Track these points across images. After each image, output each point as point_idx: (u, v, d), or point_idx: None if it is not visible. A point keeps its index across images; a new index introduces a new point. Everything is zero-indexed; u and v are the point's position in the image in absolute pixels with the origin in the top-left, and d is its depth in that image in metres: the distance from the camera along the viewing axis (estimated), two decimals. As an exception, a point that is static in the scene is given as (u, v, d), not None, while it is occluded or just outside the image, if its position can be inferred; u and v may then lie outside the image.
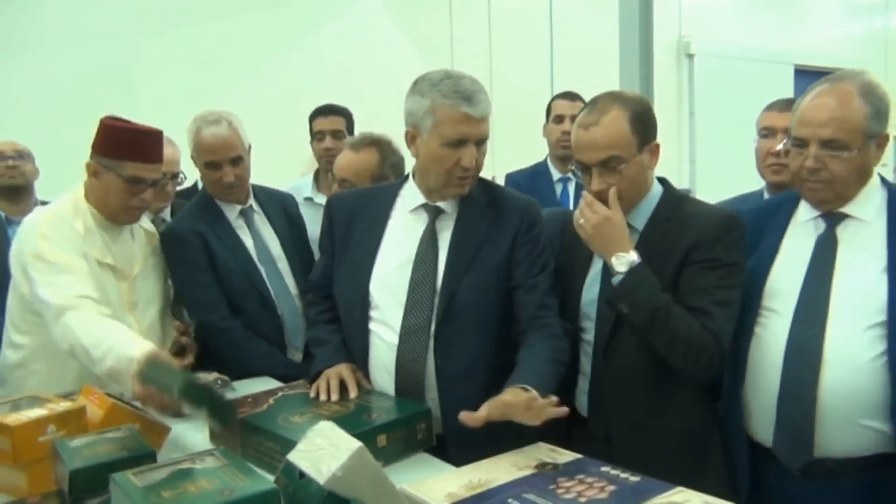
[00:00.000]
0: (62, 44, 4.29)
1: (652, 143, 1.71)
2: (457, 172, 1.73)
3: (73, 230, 2.00)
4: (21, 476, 1.48)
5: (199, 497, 0.94)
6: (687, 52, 8.04)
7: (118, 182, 2.02)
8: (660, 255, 1.67)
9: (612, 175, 1.66)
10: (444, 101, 1.68)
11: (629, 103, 1.68)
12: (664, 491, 1.20)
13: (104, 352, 1.79)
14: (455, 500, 1.22)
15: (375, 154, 2.34)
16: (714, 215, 1.70)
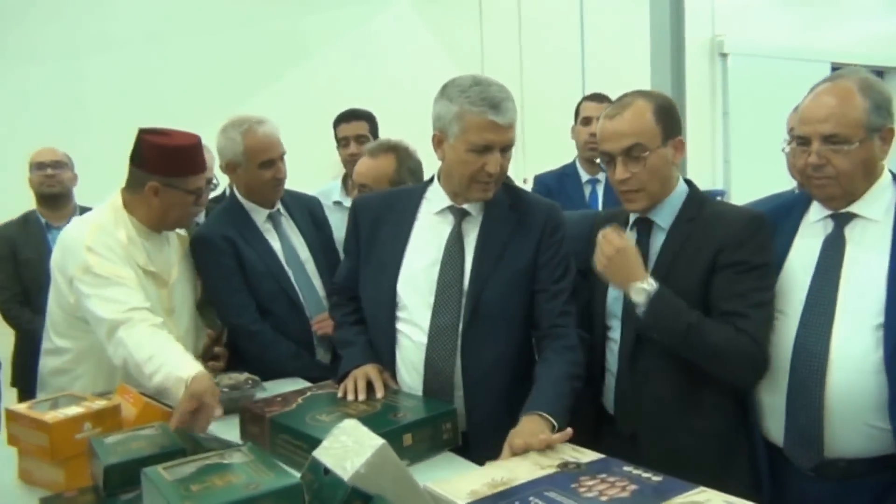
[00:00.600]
0: (97, 52, 4.39)
1: (676, 138, 1.72)
2: (481, 177, 1.75)
3: (117, 240, 2.03)
4: (59, 472, 1.54)
5: (225, 490, 0.97)
6: (720, 52, 7.94)
7: (184, 196, 2.08)
8: (687, 256, 1.67)
9: (636, 164, 1.68)
10: (472, 107, 1.70)
11: (654, 97, 1.73)
12: (686, 490, 1.20)
13: (155, 368, 1.81)
14: (477, 497, 1.23)
15: (393, 160, 2.38)
16: (740, 216, 1.70)
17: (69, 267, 1.98)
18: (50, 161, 3.17)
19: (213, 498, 0.95)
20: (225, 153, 2.33)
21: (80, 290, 1.95)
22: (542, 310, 1.79)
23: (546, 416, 1.55)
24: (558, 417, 1.55)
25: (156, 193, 2.06)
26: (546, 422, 1.54)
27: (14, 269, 3.01)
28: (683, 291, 1.65)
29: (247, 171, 2.32)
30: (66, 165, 3.22)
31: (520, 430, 1.51)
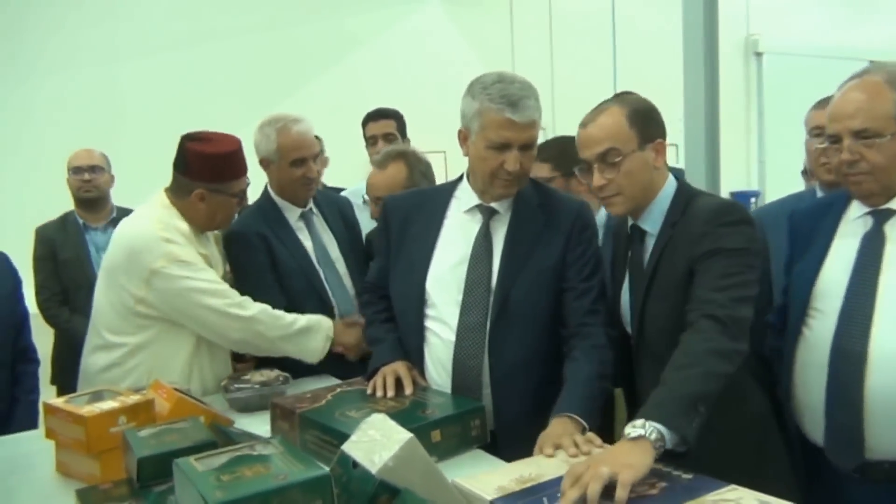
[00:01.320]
0: (136, 54, 4.48)
1: (656, 141, 1.68)
2: (501, 175, 1.76)
3: (181, 230, 2.11)
4: (94, 464, 1.57)
5: (255, 481, 0.98)
6: (755, 51, 7.84)
7: (229, 200, 2.16)
8: (666, 263, 1.65)
9: (611, 169, 1.65)
10: (491, 105, 1.70)
11: (629, 102, 1.69)
12: (717, 489, 1.19)
13: (294, 316, 2.10)
14: (505, 493, 1.23)
15: (403, 167, 2.40)
16: (706, 209, 1.63)
17: (146, 261, 2.03)
18: (87, 165, 3.22)
19: (243, 488, 0.96)
20: (259, 149, 2.36)
21: (170, 278, 2.03)
22: (570, 308, 1.78)
23: (576, 418, 1.54)
24: (588, 418, 1.54)
25: (202, 199, 2.13)
26: (576, 423, 1.53)
27: (53, 268, 3.08)
28: (665, 296, 1.63)
29: (279, 168, 2.34)
30: (103, 169, 3.27)
31: (550, 433, 1.50)
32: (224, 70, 4.77)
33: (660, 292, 1.65)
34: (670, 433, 1.30)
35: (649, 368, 1.67)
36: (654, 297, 1.66)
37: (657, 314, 1.66)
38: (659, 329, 1.66)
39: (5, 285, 2.25)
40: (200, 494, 0.95)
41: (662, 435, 1.29)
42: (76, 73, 4.33)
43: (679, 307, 1.58)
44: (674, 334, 1.53)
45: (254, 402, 1.97)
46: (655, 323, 1.67)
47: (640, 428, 1.30)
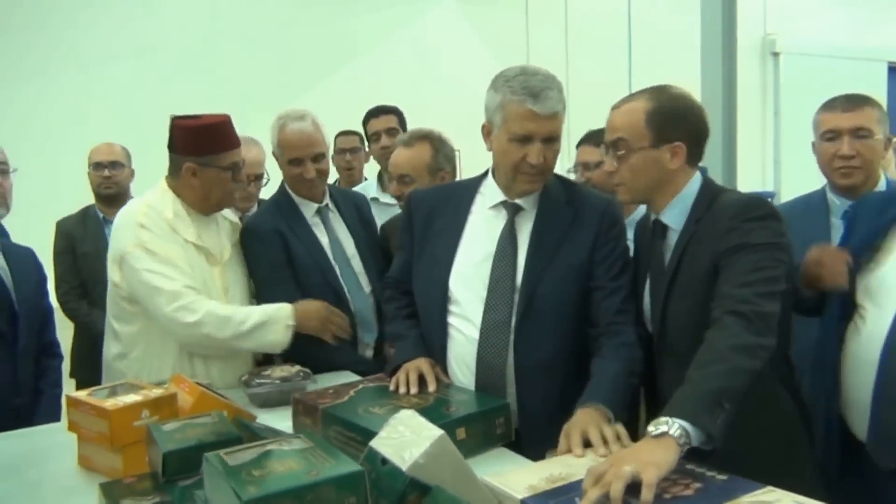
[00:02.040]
0: (152, 52, 4.50)
1: (675, 143, 1.63)
2: (524, 168, 1.73)
3: (165, 218, 2.10)
4: (117, 458, 1.56)
5: (287, 476, 0.97)
6: (772, 51, 7.79)
7: (221, 173, 2.13)
8: (689, 259, 1.62)
9: (618, 159, 1.65)
10: (513, 97, 1.69)
11: (658, 97, 1.65)
12: (753, 490, 1.16)
13: (247, 313, 2.04)
14: (536, 491, 1.22)
15: (428, 147, 2.38)
16: (732, 204, 1.61)
17: (121, 244, 2.06)
18: (107, 161, 3.21)
19: (275, 483, 0.94)
20: (271, 145, 2.38)
21: (132, 265, 2.03)
22: (600, 307, 1.76)
23: (602, 408, 1.52)
24: (615, 410, 1.51)
25: (194, 174, 2.12)
26: (602, 413, 1.51)
27: (73, 262, 3.08)
28: (688, 294, 1.61)
29: (281, 165, 2.37)
30: (123, 164, 3.26)
31: (576, 422, 1.48)
32: (241, 68, 4.78)
33: (682, 289, 1.62)
34: (695, 430, 1.28)
35: (670, 368, 1.65)
36: (676, 295, 1.64)
37: (679, 312, 1.64)
38: (680, 327, 1.63)
39: (31, 279, 2.25)
40: (233, 490, 0.94)
41: (687, 432, 1.27)
42: (97, 68, 4.36)
43: (702, 304, 1.55)
44: (696, 332, 1.51)
45: (274, 397, 1.96)
46: (677, 321, 1.64)
47: (664, 425, 1.27)
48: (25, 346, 2.15)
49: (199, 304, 2.02)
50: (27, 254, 2.32)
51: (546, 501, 1.18)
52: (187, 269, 2.06)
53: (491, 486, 1.24)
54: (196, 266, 2.12)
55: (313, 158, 2.33)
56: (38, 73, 4.26)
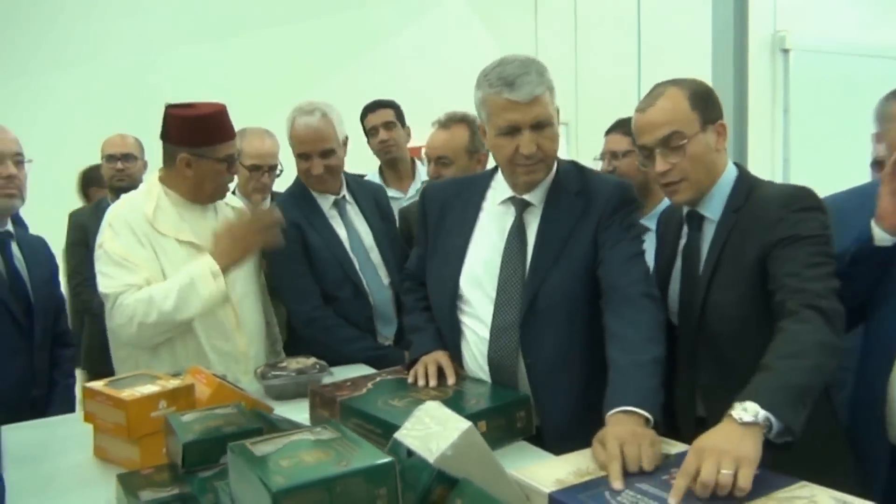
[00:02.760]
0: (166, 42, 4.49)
1: (717, 122, 1.62)
2: (518, 160, 1.67)
3: (141, 214, 2.07)
4: (134, 449, 1.54)
5: (317, 466, 0.95)
6: (782, 48, 7.74)
7: (216, 165, 2.10)
8: (732, 249, 1.58)
9: (675, 154, 1.59)
10: (490, 90, 1.64)
11: (687, 83, 1.63)
12: (787, 485, 1.14)
13: (168, 284, 1.96)
14: (563, 486, 1.19)
15: (465, 129, 2.39)
16: (779, 194, 1.58)
17: (97, 240, 2.08)
18: (120, 154, 3.21)
19: (304, 474, 0.92)
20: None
21: (94, 263, 2.07)
22: (601, 276, 1.66)
23: (637, 412, 1.36)
24: (648, 409, 1.38)
25: (188, 165, 2.09)
26: (638, 418, 1.36)
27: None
28: (732, 285, 1.57)
29: (294, 158, 2.36)
30: (136, 157, 3.25)
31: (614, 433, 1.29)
32: (251, 61, 4.78)
33: (726, 280, 1.58)
34: (778, 423, 1.22)
35: (707, 360, 1.62)
36: (719, 286, 1.59)
37: (723, 304, 1.59)
38: (723, 319, 1.59)
39: (44, 270, 2.24)
40: (260, 480, 0.92)
41: (770, 423, 1.21)
42: (110, 60, 4.37)
43: (746, 296, 1.52)
44: (739, 324, 1.48)
45: (290, 389, 1.94)
46: (720, 312, 1.60)
47: (751, 414, 1.21)
48: (41, 337, 2.14)
49: (126, 299, 1.97)
50: (40, 244, 2.31)
51: (575, 496, 1.16)
52: (140, 270, 2.01)
53: (517, 479, 1.22)
54: (179, 259, 2.07)
55: (321, 154, 2.30)
56: (50, 65, 4.26)
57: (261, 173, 2.73)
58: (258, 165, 2.71)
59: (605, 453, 1.26)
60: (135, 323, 1.96)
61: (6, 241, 2.14)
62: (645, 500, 1.13)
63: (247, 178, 2.75)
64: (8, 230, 2.17)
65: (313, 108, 2.30)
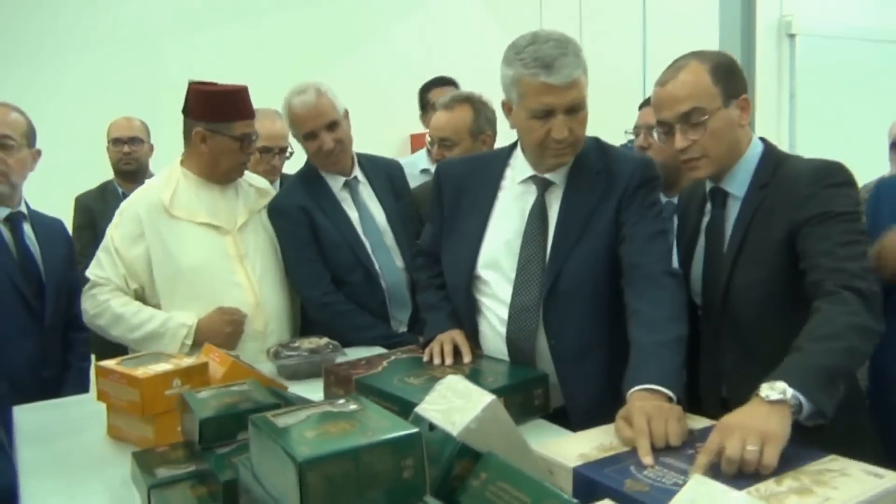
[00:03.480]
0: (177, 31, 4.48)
1: (740, 97, 1.58)
2: (550, 144, 1.64)
3: (154, 202, 2.10)
4: (148, 427, 1.53)
5: (342, 437, 0.93)
6: (788, 32, 7.68)
7: (230, 143, 2.09)
8: (759, 226, 1.54)
9: (696, 130, 1.55)
10: (525, 70, 1.58)
11: (710, 55, 1.59)
12: (816, 458, 1.12)
13: (146, 318, 2.04)
14: (587, 460, 1.18)
15: (469, 110, 2.35)
16: (808, 168, 1.53)
17: None
18: (126, 137, 3.18)
19: (330, 444, 0.90)
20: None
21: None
22: (621, 255, 1.64)
23: (660, 390, 1.35)
24: (670, 386, 1.36)
25: (203, 140, 2.10)
26: (660, 396, 1.34)
27: (93, 237, 3.04)
28: (759, 263, 1.53)
29: (301, 143, 2.32)
30: (142, 140, 3.22)
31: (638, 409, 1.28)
32: (260, 46, 4.76)
33: (752, 259, 1.54)
34: (808, 404, 1.19)
35: (731, 340, 1.58)
36: (744, 265, 1.55)
37: (748, 283, 1.55)
38: (748, 299, 1.55)
39: (59, 252, 2.23)
40: (285, 451, 0.90)
41: (801, 405, 1.19)
42: (119, 45, 4.36)
43: (774, 275, 1.49)
44: (765, 304, 1.44)
45: (303, 369, 1.93)
46: (745, 292, 1.56)
47: (781, 393, 1.18)
48: (52, 319, 2.12)
49: (101, 294, 2.07)
50: (56, 225, 2.29)
51: (600, 470, 1.14)
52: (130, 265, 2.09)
53: (541, 455, 1.20)
54: (195, 242, 2.10)
55: (327, 127, 2.25)
56: (60, 50, 4.24)
57: (271, 155, 2.70)
58: (268, 147, 2.68)
59: (629, 429, 1.24)
60: (96, 323, 2.10)
61: (18, 222, 2.12)
62: (671, 475, 1.11)
63: (257, 160, 2.72)
64: (20, 211, 2.15)
65: (305, 87, 2.27)
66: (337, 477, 0.89)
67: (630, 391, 1.37)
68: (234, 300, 2.11)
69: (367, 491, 0.91)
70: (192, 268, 2.09)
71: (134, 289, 2.10)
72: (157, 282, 2.10)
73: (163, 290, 2.09)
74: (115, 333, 2.06)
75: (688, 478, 1.05)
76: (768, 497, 1.01)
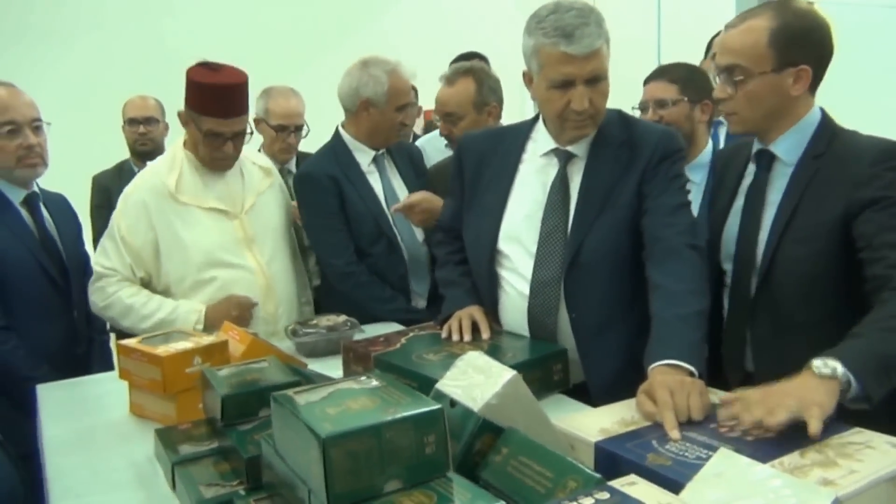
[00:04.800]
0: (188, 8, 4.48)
1: (799, 66, 1.48)
2: (569, 116, 1.61)
3: (160, 187, 2.09)
4: (170, 405, 1.55)
5: (365, 413, 0.93)
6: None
7: (198, 134, 2.08)
8: (812, 198, 1.49)
9: (732, 86, 1.51)
10: (545, 40, 1.55)
11: (785, 14, 1.48)
12: (841, 431, 1.11)
13: (156, 307, 2.05)
14: (609, 435, 1.17)
15: (472, 82, 2.34)
16: (871, 147, 1.48)
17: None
18: (142, 117, 3.17)
19: (354, 420, 0.90)
20: (362, 90, 2.29)
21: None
22: (644, 227, 1.62)
23: (682, 365, 1.33)
24: (692, 362, 1.34)
25: (185, 124, 2.13)
26: (681, 370, 1.33)
27: (110, 216, 3.06)
28: (808, 239, 1.48)
29: (382, 112, 2.30)
30: (157, 120, 3.21)
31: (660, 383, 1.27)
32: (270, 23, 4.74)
33: (803, 234, 1.48)
34: (857, 386, 1.17)
35: (766, 314, 1.54)
36: (793, 238, 1.49)
37: (795, 258, 1.50)
38: (794, 274, 1.50)
39: (71, 228, 2.24)
40: (308, 427, 0.90)
41: (850, 385, 1.16)
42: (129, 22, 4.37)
43: (826, 253, 1.45)
44: (808, 282, 1.41)
45: (321, 346, 1.93)
46: (791, 267, 1.50)
47: (831, 369, 1.16)
48: (78, 296, 2.15)
49: (111, 287, 2.07)
50: (63, 202, 2.31)
51: (622, 444, 1.14)
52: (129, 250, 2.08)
53: (562, 430, 1.20)
54: (203, 227, 2.10)
55: (409, 106, 2.39)
56: (71, 28, 4.25)
57: (287, 133, 2.69)
58: (284, 125, 2.67)
59: (651, 403, 1.24)
60: (106, 315, 2.12)
61: (36, 203, 2.13)
62: (693, 448, 1.11)
63: (273, 137, 2.71)
64: (35, 191, 2.16)
65: (400, 61, 2.33)
66: (360, 453, 0.89)
67: (651, 366, 1.36)
68: (245, 284, 2.12)
69: (389, 467, 0.91)
70: (201, 253, 2.08)
71: (140, 277, 2.10)
72: (166, 268, 2.09)
73: (172, 276, 2.09)
74: (125, 324, 2.07)
75: (711, 452, 1.04)
76: (792, 470, 1.01)
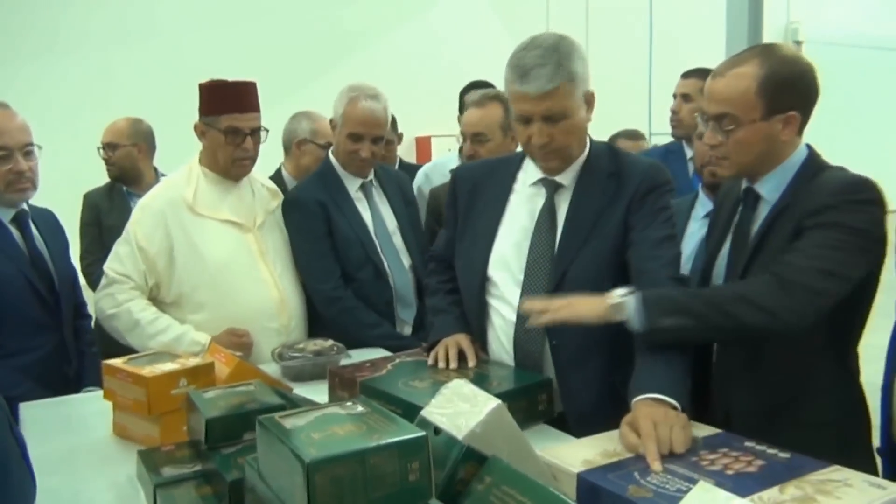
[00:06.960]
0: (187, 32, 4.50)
1: (788, 113, 1.50)
2: (532, 149, 1.67)
3: (177, 199, 2.13)
4: (154, 426, 1.54)
5: (349, 439, 0.94)
6: (794, 39, 7.69)
7: (219, 136, 2.13)
8: (776, 236, 1.52)
9: (723, 134, 1.53)
10: (508, 76, 1.63)
11: (771, 61, 1.49)
12: (820, 468, 1.13)
13: (163, 328, 2.06)
14: (591, 466, 1.18)
15: (500, 107, 2.41)
16: (835, 181, 1.50)
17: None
18: (104, 143, 3.08)
19: (337, 446, 0.91)
20: (334, 113, 2.36)
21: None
22: (629, 260, 1.65)
23: (665, 399, 1.34)
24: (675, 396, 1.35)
25: (203, 134, 2.18)
26: (665, 405, 1.33)
27: (98, 234, 3.04)
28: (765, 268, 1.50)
29: (338, 134, 2.35)
30: (118, 144, 3.04)
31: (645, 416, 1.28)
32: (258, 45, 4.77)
33: (763, 263, 1.52)
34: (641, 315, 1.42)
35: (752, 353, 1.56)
36: (756, 269, 1.53)
37: None
38: None
39: (59, 244, 2.24)
40: (293, 452, 0.91)
41: (625, 306, 1.44)
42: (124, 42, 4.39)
43: None
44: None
45: (307, 370, 1.93)
46: None
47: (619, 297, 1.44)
48: (67, 312, 2.15)
49: (122, 295, 2.09)
50: (51, 217, 2.30)
51: (604, 475, 1.15)
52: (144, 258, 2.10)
53: (545, 460, 1.21)
54: (220, 239, 2.14)
55: (373, 140, 2.32)
56: (65, 49, 4.27)
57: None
58: None
59: (634, 435, 1.25)
60: (111, 324, 2.12)
61: (25, 221, 2.13)
62: (675, 481, 1.12)
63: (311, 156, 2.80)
64: (24, 209, 2.16)
65: (377, 94, 2.32)
66: (344, 478, 0.90)
67: (635, 399, 1.37)
68: (259, 296, 2.16)
69: (373, 493, 0.92)
70: (218, 264, 2.12)
71: (151, 285, 2.12)
72: (180, 277, 2.11)
73: (185, 285, 2.12)
74: (128, 339, 2.08)
75: (692, 485, 1.05)
76: (772, 505, 1.02)
